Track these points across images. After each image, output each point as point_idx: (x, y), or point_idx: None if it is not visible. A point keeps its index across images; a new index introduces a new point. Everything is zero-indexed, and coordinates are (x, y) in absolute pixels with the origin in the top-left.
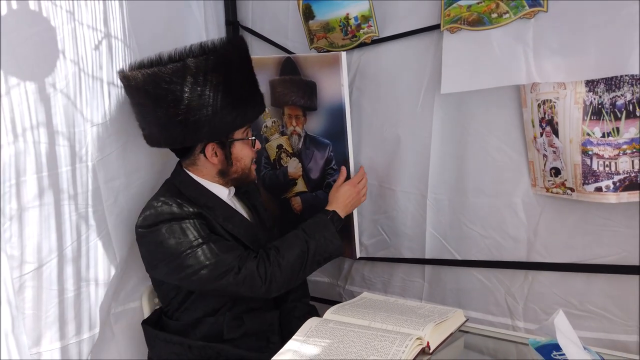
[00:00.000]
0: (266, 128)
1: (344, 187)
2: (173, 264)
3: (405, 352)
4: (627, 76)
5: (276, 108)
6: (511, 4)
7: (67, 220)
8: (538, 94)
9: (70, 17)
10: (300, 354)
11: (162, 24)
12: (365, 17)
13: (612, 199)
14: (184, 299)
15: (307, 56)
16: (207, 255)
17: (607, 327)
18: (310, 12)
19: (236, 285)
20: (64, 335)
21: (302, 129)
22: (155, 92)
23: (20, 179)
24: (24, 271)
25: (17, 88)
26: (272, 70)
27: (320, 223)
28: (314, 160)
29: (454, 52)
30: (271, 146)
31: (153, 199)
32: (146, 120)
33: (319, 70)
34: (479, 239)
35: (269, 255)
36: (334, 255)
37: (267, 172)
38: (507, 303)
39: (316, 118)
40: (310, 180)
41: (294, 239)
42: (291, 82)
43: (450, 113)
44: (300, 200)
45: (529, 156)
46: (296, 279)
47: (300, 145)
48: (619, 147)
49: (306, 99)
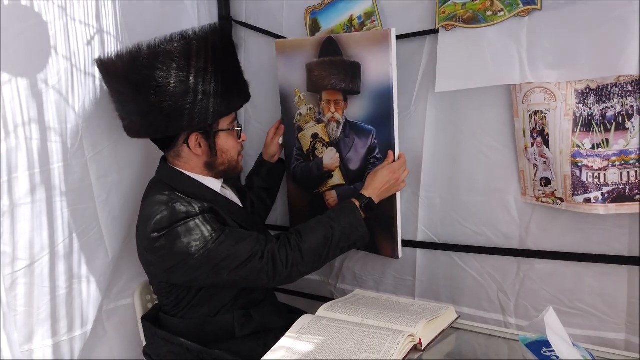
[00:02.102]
0: (300, 116)
1: (383, 171)
2: (193, 262)
3: (398, 349)
4: (616, 88)
5: (313, 94)
6: (506, 2)
7: (59, 217)
8: (530, 104)
9: (63, 13)
10: (294, 351)
11: (155, 20)
12: (369, 13)
13: (600, 210)
14: (193, 296)
15: (351, 35)
16: (227, 246)
17: (596, 324)
18: (316, 25)
19: (259, 271)
20: (56, 332)
21: (341, 115)
22: (136, 79)
23: (12, 175)
24: (15, 268)
25: (9, 84)
26: (310, 52)
27: (347, 209)
28: (354, 150)
29: (449, 50)
30: (305, 136)
31: (152, 203)
32: (126, 109)
33: (364, 49)
34: (471, 236)
35: (289, 239)
36: (358, 243)
37: (299, 165)
38: (499, 300)
39: (359, 102)
40: (348, 172)
41: (318, 224)
42: (331, 63)
43: (443, 112)
44: (335, 194)
45: (520, 165)
46: (319, 263)
47: (339, 134)
48: (608, 158)
49: (348, 81)
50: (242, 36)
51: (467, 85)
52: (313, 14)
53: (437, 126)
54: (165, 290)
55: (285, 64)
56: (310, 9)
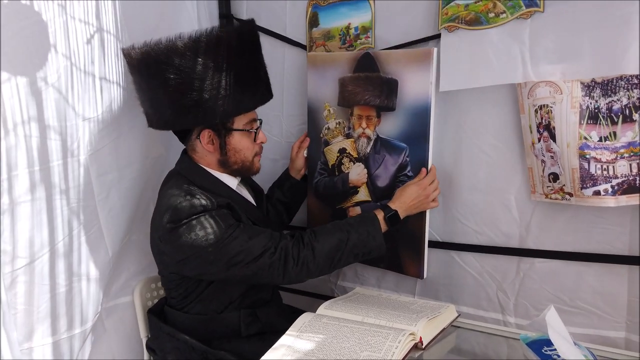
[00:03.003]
0: (327, 130)
1: (413, 187)
2: (206, 255)
3: (399, 347)
4: (622, 81)
5: (344, 108)
6: (508, 4)
7: (58, 215)
8: (535, 99)
9: (62, 11)
10: (294, 349)
11: (154, 18)
12: (366, 28)
13: (610, 203)
14: (202, 290)
15: (391, 52)
16: (240, 241)
17: (596, 323)
18: (315, 20)
19: (270, 267)
20: (56, 330)
21: (373, 131)
22: (148, 71)
23: (12, 173)
24: (15, 266)
25: (8, 82)
26: (345, 67)
27: (367, 218)
28: (383, 166)
29: (452, 50)
30: (331, 150)
31: (170, 194)
32: (142, 98)
33: (404, 66)
34: (472, 235)
35: (303, 237)
36: (373, 253)
37: (323, 179)
38: (499, 299)
39: (392, 119)
40: (375, 189)
41: (335, 227)
42: (366, 79)
43: (446, 110)
44: (360, 210)
45: (528, 162)
46: (330, 266)
47: (369, 150)
48: (617, 150)
49: (383, 98)
50: None
51: (470, 85)
52: (315, 7)
53: (440, 125)
54: (175, 282)
55: (315, 77)
56: (313, 2)
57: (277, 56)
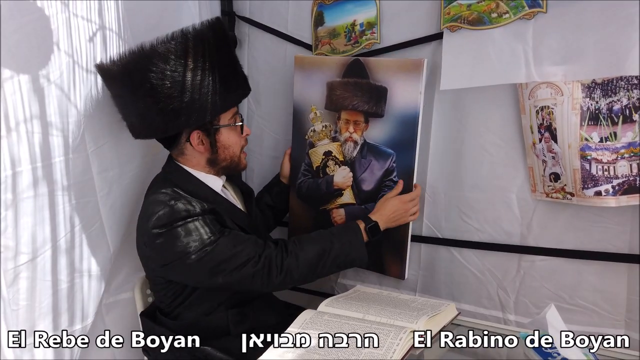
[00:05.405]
0: (313, 132)
1: (394, 200)
2: (190, 262)
3: (400, 344)
4: (622, 82)
5: (330, 112)
6: (511, 4)
7: (60, 211)
8: (536, 100)
9: (64, 8)
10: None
11: (156, 16)
12: (371, 24)
13: (611, 203)
14: (187, 296)
15: (381, 59)
16: (224, 249)
17: (596, 321)
18: (321, 18)
19: (253, 276)
20: (57, 326)
21: (360, 135)
22: (132, 81)
23: (15, 169)
24: (18, 262)
25: (11, 80)
26: (334, 72)
27: (350, 228)
28: (369, 171)
29: (454, 49)
30: (316, 152)
31: (155, 199)
32: (125, 111)
33: (394, 75)
34: (473, 232)
35: (287, 246)
36: (356, 262)
37: (306, 180)
38: (499, 296)
39: (380, 125)
40: (360, 192)
41: (319, 236)
42: (355, 85)
43: (449, 110)
44: (343, 212)
45: (528, 162)
46: (312, 275)
47: (355, 154)
48: (617, 151)
49: (372, 104)
50: (245, 31)
51: (472, 84)
52: (320, 6)
53: (443, 124)
54: (162, 285)
55: (302, 79)
56: (318, 1)
57: (279, 53)
